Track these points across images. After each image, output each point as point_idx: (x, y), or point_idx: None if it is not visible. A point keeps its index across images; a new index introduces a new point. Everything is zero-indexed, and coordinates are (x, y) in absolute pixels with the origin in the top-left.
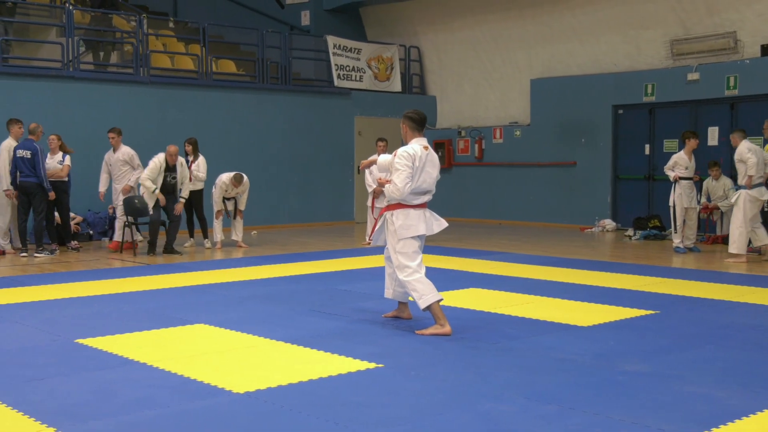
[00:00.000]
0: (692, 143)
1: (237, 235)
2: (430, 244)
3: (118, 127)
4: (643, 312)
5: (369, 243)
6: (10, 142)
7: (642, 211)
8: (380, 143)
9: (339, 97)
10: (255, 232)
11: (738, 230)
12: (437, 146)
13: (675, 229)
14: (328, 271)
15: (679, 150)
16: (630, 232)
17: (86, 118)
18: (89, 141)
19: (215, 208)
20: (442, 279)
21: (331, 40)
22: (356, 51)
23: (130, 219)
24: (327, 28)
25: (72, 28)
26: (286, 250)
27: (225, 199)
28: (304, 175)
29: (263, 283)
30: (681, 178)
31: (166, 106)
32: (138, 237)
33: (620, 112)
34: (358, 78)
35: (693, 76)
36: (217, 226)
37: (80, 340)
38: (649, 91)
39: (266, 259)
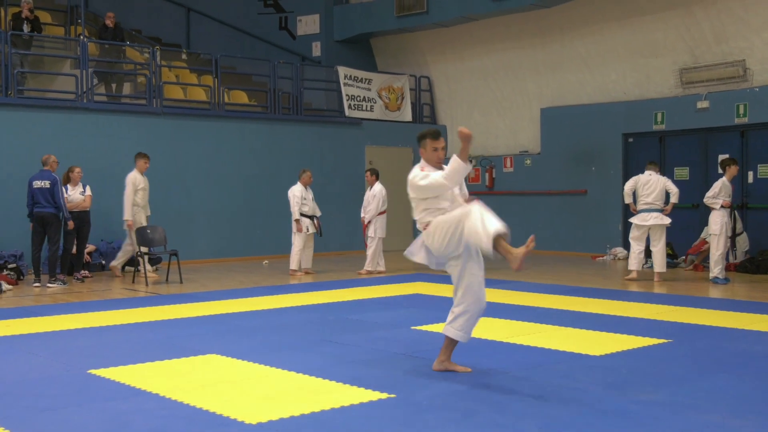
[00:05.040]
0: (733, 170)
1: (306, 260)
2: (439, 273)
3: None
4: (655, 341)
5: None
6: (133, 175)
7: None
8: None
9: (350, 126)
10: (266, 261)
11: (630, 251)
12: None
13: (717, 258)
14: (339, 300)
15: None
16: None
17: (100, 149)
18: (102, 172)
19: (294, 216)
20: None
21: (342, 70)
22: (367, 81)
23: (143, 249)
24: (338, 59)
25: (86, 60)
26: (297, 279)
27: (309, 218)
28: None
29: (275, 313)
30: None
31: (179, 136)
32: (149, 267)
33: (630, 140)
34: (368, 108)
35: (702, 104)
36: (297, 243)
37: (93, 371)
38: (659, 119)
39: (277, 288)
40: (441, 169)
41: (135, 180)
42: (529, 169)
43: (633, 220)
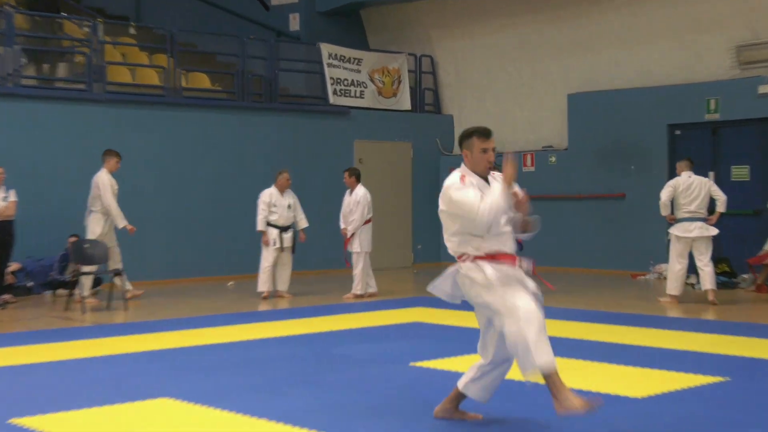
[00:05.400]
0: None
1: (282, 281)
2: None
3: None
4: (709, 379)
5: (356, 296)
6: (107, 177)
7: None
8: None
9: (335, 117)
10: (231, 282)
11: (669, 270)
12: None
13: None
14: (321, 331)
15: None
16: (692, 279)
17: (28, 144)
18: (31, 173)
19: (258, 227)
20: (463, 339)
21: (326, 48)
22: (356, 61)
23: (81, 269)
24: (321, 35)
25: (12, 35)
26: (269, 304)
27: (279, 230)
28: None
29: (242, 346)
30: None
31: (126, 128)
32: (86, 292)
33: (677, 132)
34: (358, 94)
35: (765, 88)
36: (265, 259)
37: (15, 420)
38: (712, 107)
39: (245, 316)
40: (489, 174)
41: (111, 182)
42: (553, 168)
43: (673, 231)
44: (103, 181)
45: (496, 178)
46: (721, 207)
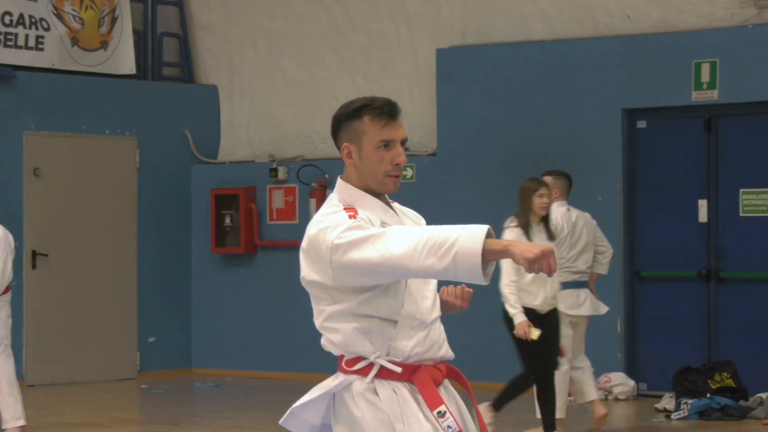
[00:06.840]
0: None
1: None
2: None
3: None
4: None
5: None
6: None
7: (695, 356)
8: None
9: None
10: None
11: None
12: (224, 201)
13: None
14: None
15: None
16: (667, 401)
17: None
18: None
19: None
20: None
21: None
22: None
23: None
24: None
25: None
26: None
27: None
28: None
29: None
30: None
31: None
32: None
33: (641, 124)
34: (33, 42)
35: None
36: None
37: None
38: (706, 77)
39: None
40: (387, 196)
41: None
42: (410, 190)
43: (567, 310)
44: None
45: (408, 215)
46: (603, 268)
